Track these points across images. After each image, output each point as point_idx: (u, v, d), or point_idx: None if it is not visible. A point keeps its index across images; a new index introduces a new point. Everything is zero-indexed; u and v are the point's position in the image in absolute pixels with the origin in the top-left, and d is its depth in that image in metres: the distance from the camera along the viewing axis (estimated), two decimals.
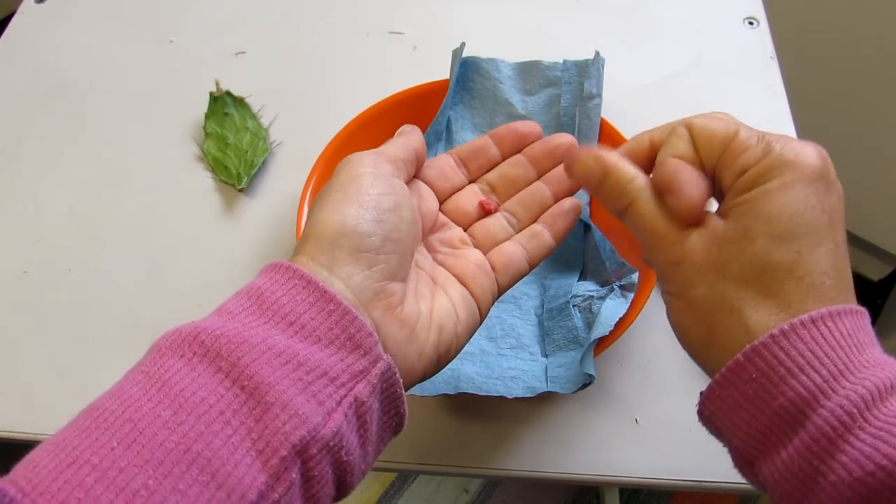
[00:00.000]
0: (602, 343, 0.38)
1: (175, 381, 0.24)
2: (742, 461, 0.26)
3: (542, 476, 0.39)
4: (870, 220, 1.13)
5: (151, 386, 0.24)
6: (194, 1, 0.64)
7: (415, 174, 0.35)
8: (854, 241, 1.17)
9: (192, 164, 0.53)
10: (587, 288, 0.42)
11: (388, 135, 0.46)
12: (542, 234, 0.35)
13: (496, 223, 0.36)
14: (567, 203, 0.36)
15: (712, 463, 0.39)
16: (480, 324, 0.33)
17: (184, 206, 0.51)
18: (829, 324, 0.24)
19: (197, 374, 0.24)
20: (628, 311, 0.39)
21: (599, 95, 0.45)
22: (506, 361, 0.41)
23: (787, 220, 0.26)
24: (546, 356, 0.41)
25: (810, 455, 0.23)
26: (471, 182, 0.37)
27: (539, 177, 0.37)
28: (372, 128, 0.46)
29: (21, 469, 0.21)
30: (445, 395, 0.38)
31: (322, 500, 0.25)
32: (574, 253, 0.45)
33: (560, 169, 0.36)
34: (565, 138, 0.37)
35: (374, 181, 0.30)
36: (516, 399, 0.38)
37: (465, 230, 0.36)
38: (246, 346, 0.24)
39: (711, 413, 0.27)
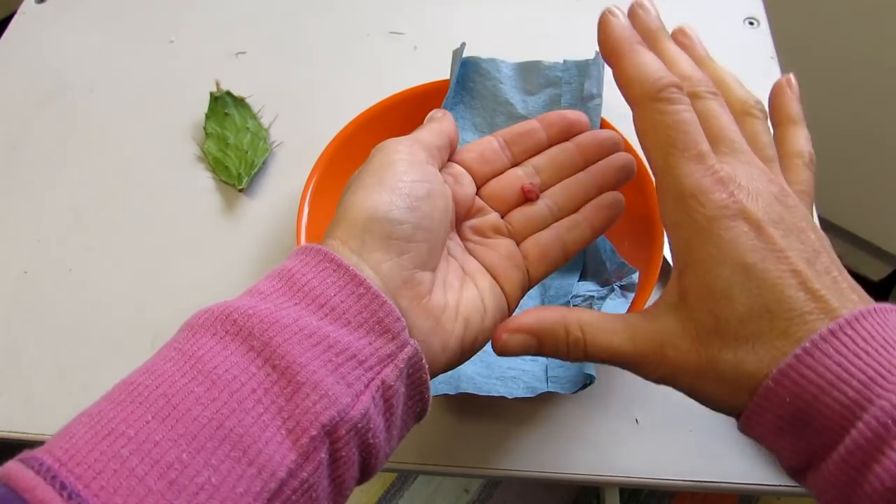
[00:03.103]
0: None
1: (208, 358, 0.24)
2: (792, 472, 0.26)
3: (542, 476, 0.39)
4: (870, 220, 1.13)
5: (185, 363, 0.24)
6: (194, 1, 0.64)
7: (448, 158, 0.35)
8: (854, 241, 1.17)
9: (192, 164, 0.53)
10: (587, 288, 0.42)
11: (388, 135, 0.46)
12: (581, 226, 0.35)
13: (536, 211, 0.35)
14: (609, 197, 0.35)
15: (712, 463, 0.39)
16: (510, 315, 0.33)
17: (184, 206, 0.51)
18: (850, 332, 0.24)
19: (229, 352, 0.24)
20: (628, 311, 0.39)
21: (600, 95, 0.45)
22: (506, 361, 0.41)
23: (739, 293, 0.26)
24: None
25: (848, 467, 0.23)
26: (514, 165, 0.36)
27: (585, 167, 0.36)
28: (372, 128, 0.46)
29: (57, 440, 0.22)
30: (445, 395, 0.38)
31: (347, 482, 0.25)
32: None
33: (606, 162, 0.36)
34: (613, 135, 0.36)
35: (408, 168, 0.30)
36: (516, 399, 0.38)
37: (502, 216, 0.35)
38: (278, 327, 0.25)
39: (755, 437, 0.27)
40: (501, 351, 0.30)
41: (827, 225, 1.11)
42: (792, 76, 0.34)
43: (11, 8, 0.64)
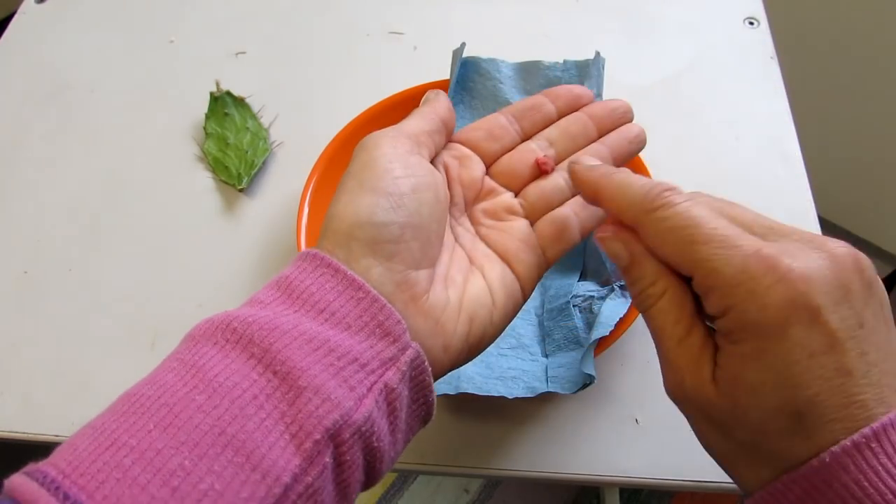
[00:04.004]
0: (602, 343, 0.38)
1: (209, 367, 0.24)
2: None
3: (542, 476, 0.39)
4: (870, 220, 1.13)
5: (186, 372, 0.24)
6: (194, 1, 0.64)
7: (447, 140, 0.34)
8: (854, 241, 1.16)
9: (192, 164, 0.53)
10: (587, 288, 0.42)
11: None
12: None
13: (552, 185, 0.34)
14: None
15: (712, 463, 0.39)
16: (524, 303, 0.32)
17: (184, 206, 0.51)
18: (874, 444, 0.22)
19: (230, 360, 0.24)
20: (628, 311, 0.39)
21: (600, 95, 0.45)
22: (506, 361, 0.41)
23: (771, 391, 0.23)
24: (546, 356, 0.41)
25: None
26: (524, 140, 0.35)
27: (598, 137, 0.35)
28: (372, 128, 0.45)
29: (60, 453, 0.22)
30: (445, 395, 0.38)
31: (352, 486, 0.25)
32: (574, 253, 0.45)
33: (619, 132, 0.35)
34: (623, 104, 0.35)
35: (388, 164, 0.29)
36: (516, 399, 0.38)
37: (516, 194, 0.34)
38: (277, 332, 0.25)
39: None
40: (596, 235, 0.29)
41: (827, 225, 1.11)
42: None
43: (11, 8, 0.64)
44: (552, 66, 0.47)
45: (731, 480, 0.39)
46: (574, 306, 0.42)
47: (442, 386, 0.38)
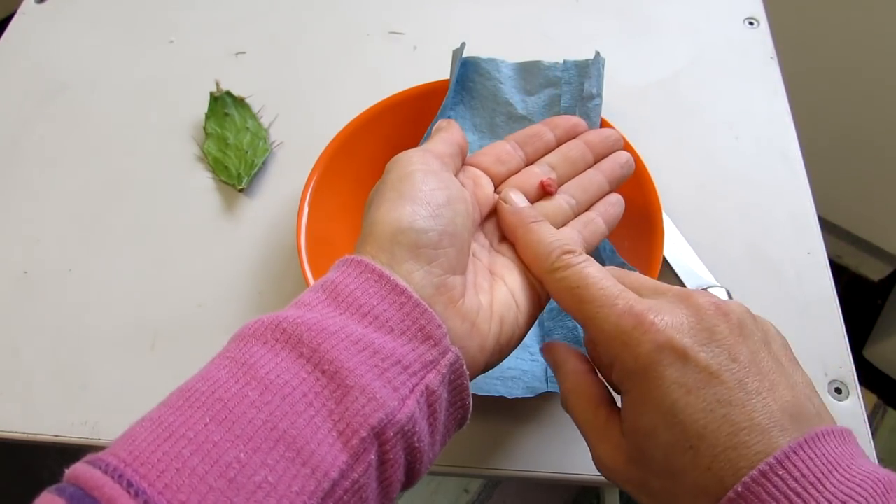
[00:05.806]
0: None
1: (260, 365, 0.25)
2: None
3: (542, 476, 0.39)
4: (870, 220, 1.13)
5: (238, 370, 0.25)
6: (194, 1, 0.64)
7: (462, 163, 0.36)
8: (854, 241, 1.17)
9: (192, 164, 0.53)
10: None
11: (388, 135, 0.46)
12: (595, 221, 0.36)
13: (555, 206, 0.36)
14: (614, 197, 0.38)
15: None
16: (543, 308, 0.34)
17: (184, 206, 0.51)
18: (781, 471, 0.23)
19: (280, 358, 0.25)
20: None
21: (600, 95, 0.45)
22: (506, 361, 0.41)
23: (663, 431, 0.26)
24: None
25: None
26: (528, 165, 0.38)
27: (595, 163, 0.38)
28: (372, 128, 0.46)
29: (120, 443, 0.23)
30: None
31: (394, 485, 0.26)
32: None
33: (611, 159, 0.38)
34: (614, 133, 0.39)
35: (424, 177, 0.31)
36: (516, 399, 0.38)
37: None
38: (325, 334, 0.26)
39: None
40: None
41: (827, 225, 1.11)
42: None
43: (11, 8, 0.64)
44: (552, 66, 0.47)
45: None
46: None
47: None
